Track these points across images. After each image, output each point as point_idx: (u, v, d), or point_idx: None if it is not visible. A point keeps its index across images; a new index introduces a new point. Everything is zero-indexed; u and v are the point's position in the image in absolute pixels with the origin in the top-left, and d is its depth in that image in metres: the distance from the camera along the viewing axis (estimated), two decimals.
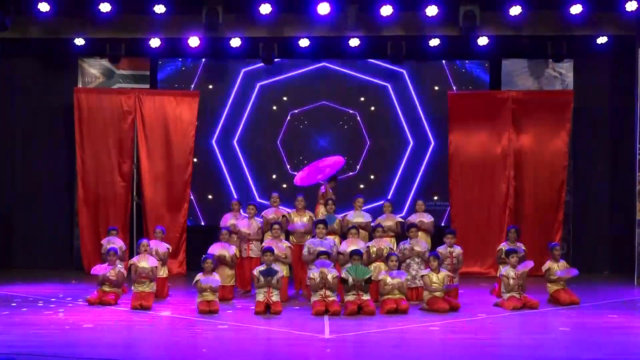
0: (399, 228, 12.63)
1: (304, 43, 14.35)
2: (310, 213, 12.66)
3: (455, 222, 14.36)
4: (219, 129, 15.08)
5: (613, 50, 14.45)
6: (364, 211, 12.67)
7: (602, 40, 14.19)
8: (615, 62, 14.83)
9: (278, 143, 15.02)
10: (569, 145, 14.51)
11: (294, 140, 15.05)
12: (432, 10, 13.34)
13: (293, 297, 12.04)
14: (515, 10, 13.34)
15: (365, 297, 10.80)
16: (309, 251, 11.57)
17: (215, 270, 11.32)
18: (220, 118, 15.09)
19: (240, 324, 10.01)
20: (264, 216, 12.56)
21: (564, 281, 11.62)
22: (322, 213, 12.61)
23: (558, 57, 14.35)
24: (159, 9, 13.32)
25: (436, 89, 15.02)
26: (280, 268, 11.25)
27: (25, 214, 15.00)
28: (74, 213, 14.84)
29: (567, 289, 11.58)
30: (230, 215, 12.68)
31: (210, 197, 15.04)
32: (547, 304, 11.47)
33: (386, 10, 13.37)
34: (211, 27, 13.30)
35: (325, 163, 13.05)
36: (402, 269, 11.47)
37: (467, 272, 13.67)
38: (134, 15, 13.82)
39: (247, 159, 15.09)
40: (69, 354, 8.33)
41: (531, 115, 14.38)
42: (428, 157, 15.01)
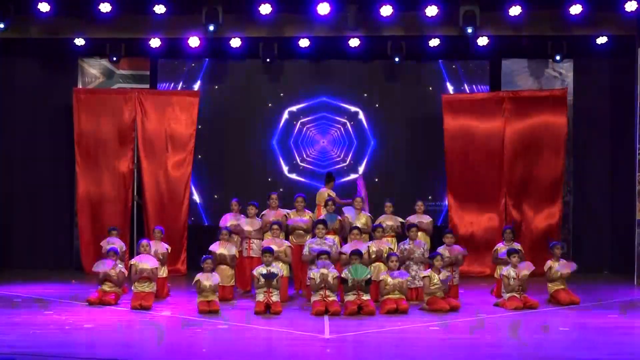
0: (400, 229, 12.63)
1: (304, 43, 14.36)
2: (310, 213, 12.67)
3: (453, 222, 14.33)
4: (223, 129, 15.10)
5: (613, 50, 14.46)
6: (364, 212, 12.68)
7: (602, 40, 14.20)
8: (615, 62, 14.82)
9: (273, 143, 15.06)
10: (567, 145, 14.50)
11: (293, 140, 15.07)
12: (432, 10, 13.36)
13: (293, 297, 12.04)
14: (515, 10, 13.35)
15: (365, 297, 10.80)
16: (309, 251, 11.57)
17: (215, 270, 11.33)
18: (223, 117, 15.10)
19: (240, 324, 10.01)
20: (264, 217, 12.57)
21: (564, 281, 11.62)
22: (323, 213, 12.63)
23: (559, 56, 14.35)
24: (159, 9, 13.33)
25: (430, 89, 15.02)
26: (280, 268, 11.26)
27: (25, 214, 15.00)
28: (74, 213, 14.84)
29: (567, 289, 11.58)
30: (231, 216, 12.68)
31: (210, 197, 15.05)
32: (547, 304, 11.47)
33: (386, 10, 13.38)
34: (211, 27, 13.33)
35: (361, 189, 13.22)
36: (402, 269, 11.47)
37: (465, 271, 13.61)
38: (134, 15, 13.84)
39: (247, 159, 15.10)
40: (69, 354, 8.33)
41: (527, 115, 14.34)
42: (424, 158, 15.02)
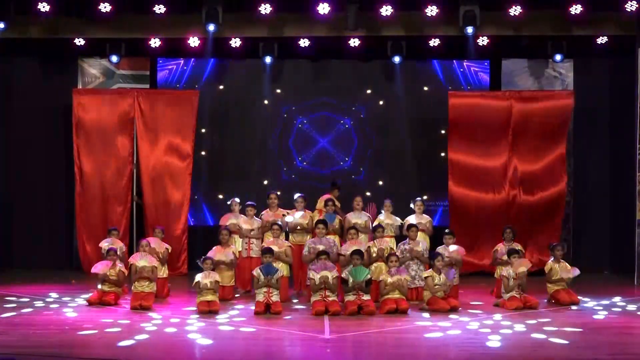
0: (398, 230, 12.63)
1: (304, 43, 14.36)
2: (310, 213, 12.67)
3: (454, 222, 14.32)
4: (223, 129, 15.10)
5: (613, 50, 14.46)
6: (363, 212, 12.68)
7: (602, 40, 14.20)
8: (615, 62, 14.82)
9: (273, 143, 15.08)
10: (567, 145, 14.50)
11: (293, 140, 15.08)
12: (432, 10, 13.36)
13: (293, 297, 12.04)
14: (515, 10, 13.35)
15: (366, 297, 10.81)
16: (309, 251, 11.57)
17: (215, 270, 11.33)
18: (223, 117, 15.11)
19: (240, 324, 10.01)
20: (263, 217, 12.58)
21: (565, 281, 11.63)
22: (323, 214, 12.64)
23: (559, 56, 14.36)
24: (159, 9, 13.34)
25: (430, 89, 15.02)
26: (280, 268, 11.26)
27: (25, 214, 14.99)
28: (74, 213, 14.83)
29: (567, 289, 11.59)
30: (230, 215, 12.69)
31: (210, 197, 15.05)
32: (547, 304, 11.48)
33: (386, 10, 13.38)
34: (211, 27, 13.34)
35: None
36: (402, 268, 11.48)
37: (467, 262, 13.57)
38: (134, 15, 13.85)
39: (247, 158, 15.10)
40: (69, 354, 8.34)
41: (532, 115, 14.33)
42: (424, 158, 15.02)
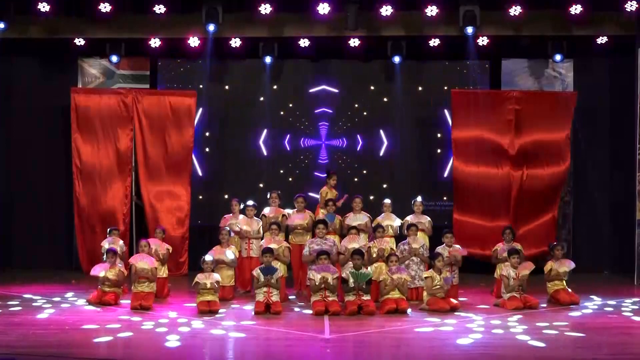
0: (398, 230, 12.63)
1: (304, 43, 14.36)
2: (310, 213, 12.68)
3: (457, 221, 14.30)
4: (223, 129, 15.12)
5: (613, 50, 14.46)
6: (363, 212, 12.68)
7: (602, 40, 14.20)
8: (615, 62, 14.82)
9: (273, 143, 15.09)
10: (569, 145, 14.49)
11: (293, 140, 15.08)
12: (432, 10, 13.37)
13: (293, 297, 12.04)
14: (515, 10, 13.36)
15: (366, 297, 10.81)
16: (309, 251, 11.57)
17: (215, 270, 11.34)
18: (223, 117, 15.11)
19: (240, 324, 10.01)
20: (264, 215, 12.59)
21: (564, 281, 11.63)
22: (323, 214, 12.63)
23: (559, 56, 14.35)
24: (159, 9, 13.35)
25: (430, 89, 15.02)
26: (279, 268, 11.27)
27: (25, 214, 14.99)
28: (74, 213, 14.83)
29: (567, 289, 11.59)
30: (230, 216, 12.69)
31: (210, 197, 15.04)
32: (547, 304, 11.48)
33: (386, 10, 13.39)
34: (211, 27, 13.35)
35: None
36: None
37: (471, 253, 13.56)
38: (134, 15, 13.85)
39: (247, 158, 15.10)
40: (69, 354, 8.34)
41: (534, 115, 14.29)
42: (424, 157, 15.02)
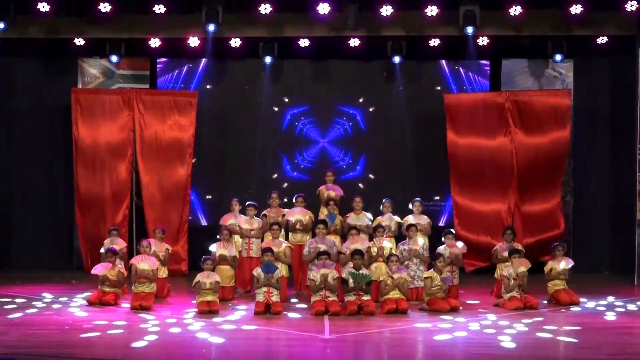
0: (397, 230, 12.63)
1: (304, 43, 14.36)
2: (310, 213, 12.68)
3: (456, 222, 14.29)
4: (222, 129, 15.12)
5: (613, 50, 14.45)
6: (363, 211, 12.68)
7: (602, 40, 14.19)
8: (615, 62, 14.81)
9: (272, 143, 15.08)
10: (569, 145, 14.48)
11: (293, 139, 15.09)
12: (432, 10, 13.37)
13: (293, 297, 12.04)
14: (515, 10, 13.35)
15: (366, 297, 10.81)
16: (310, 251, 11.58)
17: (215, 270, 11.34)
18: (223, 117, 15.11)
19: (240, 324, 10.01)
20: (264, 217, 12.58)
21: (564, 281, 11.63)
22: (324, 214, 12.64)
23: (559, 56, 14.34)
24: (159, 9, 13.34)
25: (430, 89, 15.03)
26: (280, 268, 11.27)
27: (24, 214, 14.98)
28: (74, 213, 14.83)
29: (567, 289, 11.59)
30: (230, 215, 12.69)
31: (210, 197, 15.04)
32: (547, 304, 11.48)
33: (386, 10, 13.39)
34: (211, 27, 13.35)
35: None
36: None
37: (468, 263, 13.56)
38: (134, 15, 13.84)
39: (247, 159, 15.10)
40: (69, 354, 8.34)
41: (530, 115, 14.25)
42: (424, 158, 15.03)
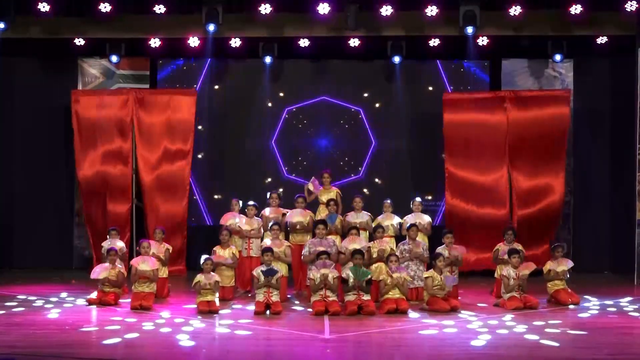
0: (397, 230, 12.63)
1: (304, 43, 14.36)
2: (310, 213, 12.68)
3: (452, 222, 14.27)
4: (223, 129, 15.12)
5: (613, 50, 14.45)
6: (364, 211, 12.69)
7: (602, 40, 14.20)
8: (615, 62, 14.81)
9: (273, 143, 15.08)
10: (568, 145, 14.49)
11: (293, 140, 15.09)
12: (432, 10, 13.37)
13: (293, 298, 12.04)
14: (515, 10, 13.36)
15: (366, 297, 10.81)
16: (309, 251, 11.58)
17: (215, 270, 11.34)
18: (223, 117, 15.12)
19: (240, 324, 10.01)
20: (264, 215, 12.59)
21: (564, 281, 11.63)
22: (324, 214, 12.65)
23: (559, 56, 14.33)
24: (159, 9, 13.35)
25: (430, 89, 15.03)
26: (280, 268, 11.27)
27: (25, 213, 14.98)
28: (74, 213, 14.84)
29: (567, 289, 11.59)
30: (230, 215, 12.69)
31: (217, 197, 15.04)
32: (547, 304, 11.48)
33: (386, 10, 13.39)
34: (211, 27, 13.35)
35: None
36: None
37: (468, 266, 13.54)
38: (134, 15, 13.85)
39: (247, 159, 15.10)
40: (69, 353, 8.34)
41: (529, 115, 14.27)
42: (424, 158, 15.03)
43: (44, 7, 13.28)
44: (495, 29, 13.93)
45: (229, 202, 13.00)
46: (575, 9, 13.28)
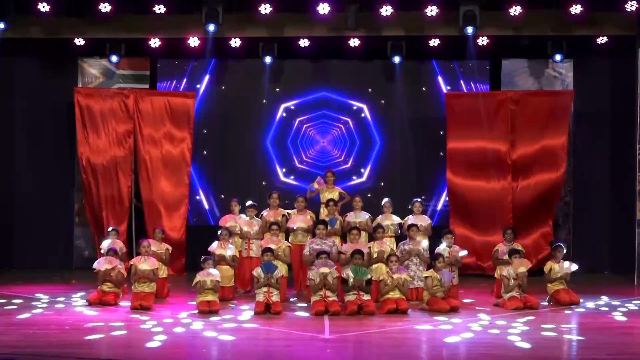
0: (397, 230, 12.63)
1: (304, 43, 14.36)
2: (311, 213, 12.68)
3: (454, 223, 14.29)
4: (223, 129, 15.11)
5: (613, 50, 14.45)
6: (363, 211, 12.69)
7: (602, 40, 14.20)
8: (615, 62, 14.81)
9: (271, 142, 15.09)
10: (568, 145, 14.49)
11: (293, 140, 15.08)
12: (432, 10, 13.37)
13: (293, 298, 12.04)
14: (515, 10, 13.36)
15: (366, 297, 10.81)
16: (310, 251, 11.58)
17: (217, 267, 11.35)
18: (223, 117, 15.11)
19: (240, 324, 10.02)
20: (263, 216, 12.59)
21: (564, 281, 11.63)
22: (324, 215, 12.65)
23: (559, 56, 14.34)
24: (159, 9, 13.35)
25: (426, 89, 15.03)
26: (280, 267, 11.27)
27: (25, 213, 14.98)
28: (74, 213, 14.83)
29: (567, 289, 11.59)
30: (230, 216, 12.69)
31: (217, 197, 15.03)
32: (547, 304, 11.48)
33: (386, 10, 13.39)
34: (211, 27, 13.36)
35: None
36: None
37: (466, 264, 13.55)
38: (134, 15, 13.85)
39: (247, 159, 15.09)
40: (69, 354, 8.34)
41: (530, 115, 14.27)
42: (424, 158, 15.03)
43: (44, 7, 13.28)
44: (495, 29, 13.93)
45: (229, 203, 12.99)
46: (575, 9, 13.28)
